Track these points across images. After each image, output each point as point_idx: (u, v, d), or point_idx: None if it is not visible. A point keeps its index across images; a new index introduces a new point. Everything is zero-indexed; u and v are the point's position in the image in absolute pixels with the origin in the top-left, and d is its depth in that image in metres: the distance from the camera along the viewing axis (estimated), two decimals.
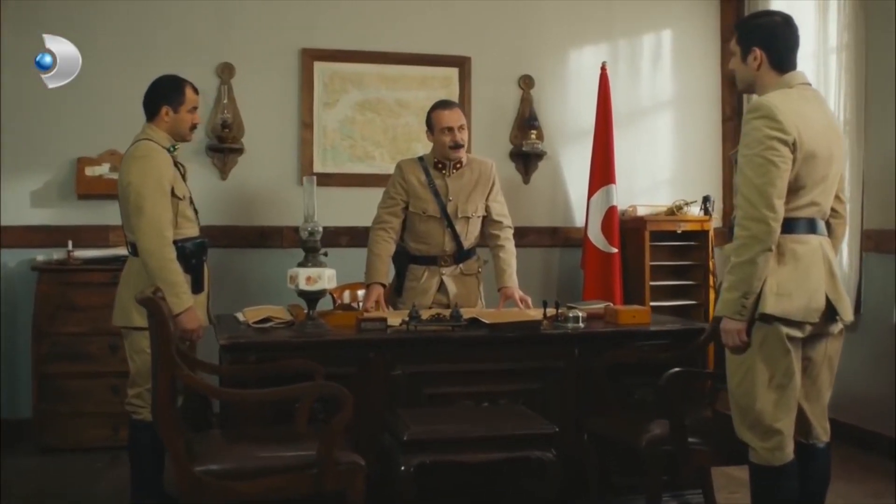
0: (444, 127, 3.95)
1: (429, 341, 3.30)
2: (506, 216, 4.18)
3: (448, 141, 3.96)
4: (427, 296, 4.04)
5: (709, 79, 5.72)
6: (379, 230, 4.01)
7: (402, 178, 4.05)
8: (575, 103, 5.45)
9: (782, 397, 2.69)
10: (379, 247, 3.98)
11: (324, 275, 3.26)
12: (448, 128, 3.95)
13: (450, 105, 4.05)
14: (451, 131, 3.95)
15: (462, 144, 3.98)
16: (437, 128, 3.98)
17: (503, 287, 4.03)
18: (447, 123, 3.95)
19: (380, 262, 3.97)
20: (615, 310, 3.60)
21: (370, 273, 3.96)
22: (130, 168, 3.32)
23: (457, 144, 3.96)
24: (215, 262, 4.96)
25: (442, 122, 3.96)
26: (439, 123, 3.96)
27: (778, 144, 2.61)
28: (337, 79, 5.15)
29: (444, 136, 3.96)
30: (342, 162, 5.17)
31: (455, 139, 3.95)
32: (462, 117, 4.00)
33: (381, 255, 3.98)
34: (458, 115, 3.98)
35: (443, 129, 3.96)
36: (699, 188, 5.55)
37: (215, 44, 5.01)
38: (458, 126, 3.95)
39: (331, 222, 5.02)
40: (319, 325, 3.30)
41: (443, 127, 3.95)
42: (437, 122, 3.98)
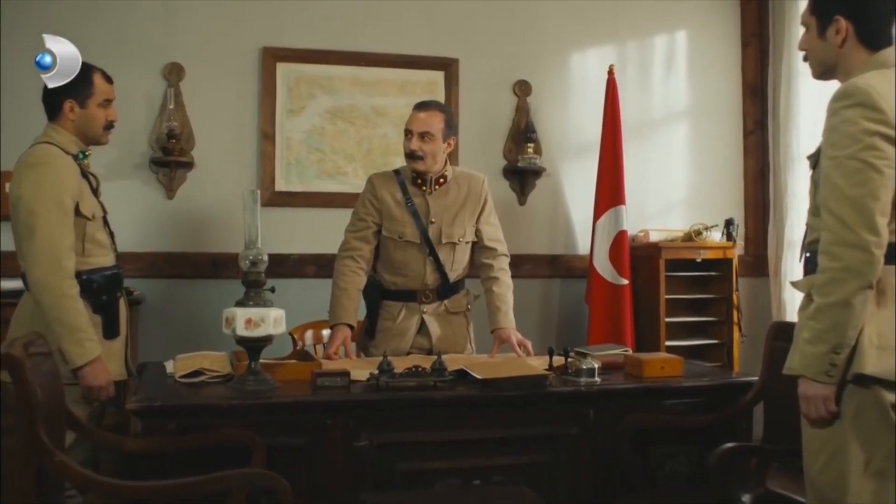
0: (406, 129, 3.28)
1: (404, 403, 2.56)
2: (500, 241, 3.48)
3: (406, 148, 3.27)
4: (404, 339, 3.32)
5: (729, 86, 5.07)
6: (346, 259, 3.29)
7: (374, 196, 3.33)
8: (578, 112, 4.80)
9: (884, 488, 1.96)
10: (345, 279, 3.26)
11: (268, 317, 2.52)
12: (407, 131, 3.27)
13: (425, 106, 3.34)
14: (408, 136, 3.26)
15: (419, 156, 3.26)
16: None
17: (498, 329, 3.31)
18: (407, 126, 3.28)
19: (346, 297, 3.25)
20: (639, 360, 2.87)
21: (335, 312, 3.24)
22: (22, 178, 2.61)
23: (412, 154, 3.26)
24: (159, 296, 4.28)
25: (407, 124, 3.29)
26: (406, 125, 3.29)
27: (880, 142, 1.91)
28: (303, 82, 4.47)
29: (406, 142, 3.29)
30: (309, 179, 4.47)
31: (411, 147, 3.25)
32: (429, 123, 3.26)
33: (347, 289, 3.25)
34: (424, 119, 3.27)
35: (406, 133, 3.29)
36: (719, 210, 4.88)
37: (162, 41, 4.32)
38: (418, 132, 3.24)
39: (295, 249, 4.42)
40: (263, 381, 2.56)
41: (405, 129, 3.29)
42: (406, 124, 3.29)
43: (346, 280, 3.26)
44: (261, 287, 2.58)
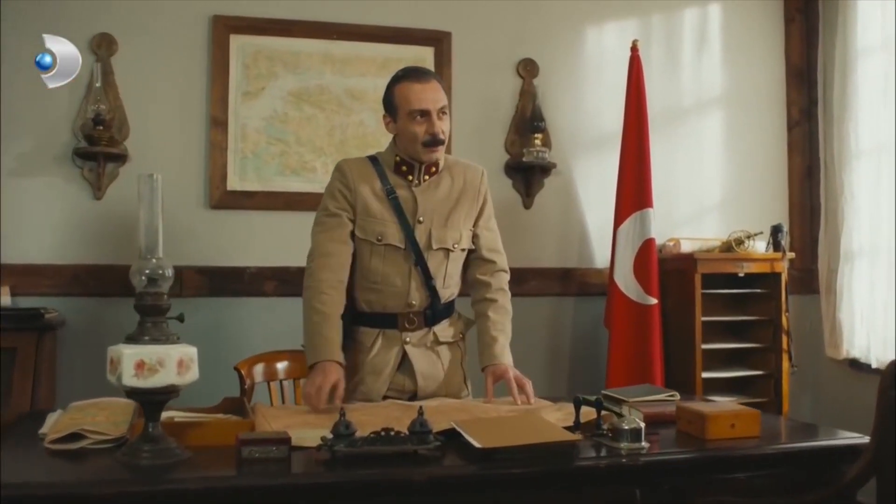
0: (416, 110, 2.47)
1: (370, 485, 1.75)
2: (500, 253, 2.71)
3: (422, 133, 2.48)
4: (380, 380, 2.53)
5: (770, 70, 4.37)
6: (321, 271, 2.49)
7: (347, 187, 2.54)
8: (594, 97, 4.09)
9: None
10: (323, 299, 2.46)
11: (169, 358, 1.72)
12: (422, 111, 2.47)
13: (424, 75, 2.57)
14: (426, 117, 2.47)
15: (443, 140, 2.51)
16: (402, 110, 2.50)
17: (492, 365, 2.53)
18: (421, 105, 2.48)
19: (328, 325, 2.44)
20: (700, 414, 2.07)
21: (314, 345, 2.43)
22: None
23: (435, 139, 2.48)
24: (83, 318, 3.56)
25: (412, 102, 2.48)
26: (407, 103, 2.49)
27: None
28: (263, 58, 3.71)
29: (415, 125, 2.48)
30: (268, 175, 3.71)
31: (433, 130, 2.48)
32: (444, 96, 2.53)
33: (328, 313, 2.45)
34: (437, 92, 2.51)
35: (412, 114, 2.48)
36: (759, 215, 4.20)
37: (88, 7, 3.58)
38: (437, 109, 2.48)
39: (252, 261, 3.69)
40: (165, 452, 1.76)
41: (413, 110, 2.48)
42: (403, 102, 2.50)
43: (324, 300, 2.45)
44: (161, 315, 1.78)
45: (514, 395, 2.43)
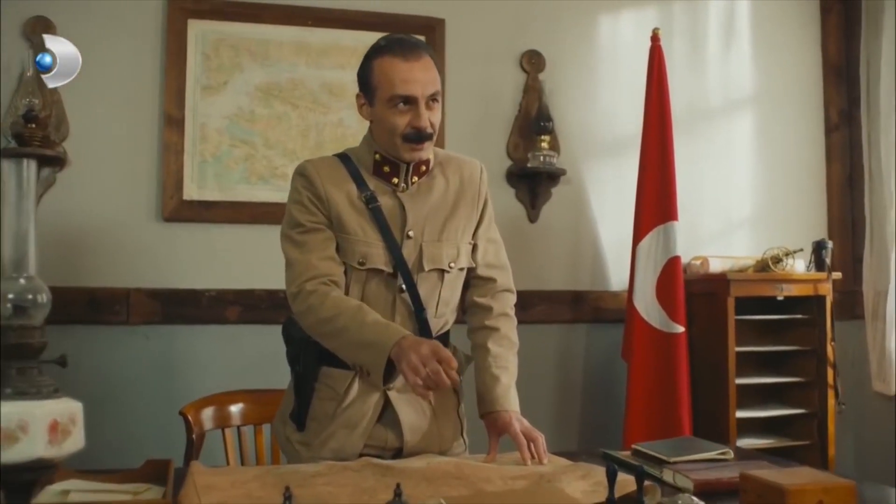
0: (399, 95, 1.92)
1: None
2: (502, 268, 2.16)
3: (403, 124, 1.94)
4: (355, 434, 1.99)
5: (805, 68, 3.92)
6: (328, 293, 1.93)
7: (316, 195, 2.01)
8: (609, 94, 3.62)
9: None
10: (346, 302, 1.92)
11: (35, 421, 1.20)
12: (406, 98, 1.92)
13: (413, 49, 1.98)
14: (411, 105, 1.93)
15: (431, 134, 1.97)
16: (382, 92, 1.95)
17: (494, 412, 2.00)
18: (407, 89, 1.91)
19: (370, 314, 1.88)
20: (778, 489, 1.54)
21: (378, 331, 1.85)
22: None
23: (420, 134, 1.94)
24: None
25: (395, 85, 1.92)
26: (389, 85, 1.93)
27: None
28: (226, 48, 3.25)
29: (396, 115, 1.93)
30: (231, 183, 3.23)
31: (419, 123, 1.93)
32: (436, 77, 1.97)
33: (361, 305, 1.92)
34: (427, 72, 1.95)
35: (394, 100, 1.93)
36: (796, 230, 3.73)
37: None
38: (427, 96, 1.94)
39: (212, 282, 3.19)
40: None
41: (395, 95, 1.92)
42: (384, 82, 1.94)
43: (347, 302, 1.91)
44: (32, 357, 1.26)
45: (524, 454, 1.91)
